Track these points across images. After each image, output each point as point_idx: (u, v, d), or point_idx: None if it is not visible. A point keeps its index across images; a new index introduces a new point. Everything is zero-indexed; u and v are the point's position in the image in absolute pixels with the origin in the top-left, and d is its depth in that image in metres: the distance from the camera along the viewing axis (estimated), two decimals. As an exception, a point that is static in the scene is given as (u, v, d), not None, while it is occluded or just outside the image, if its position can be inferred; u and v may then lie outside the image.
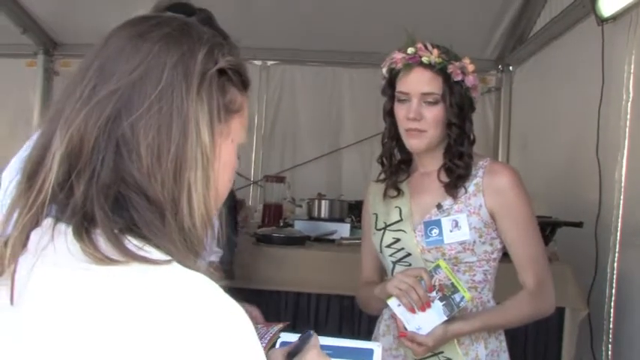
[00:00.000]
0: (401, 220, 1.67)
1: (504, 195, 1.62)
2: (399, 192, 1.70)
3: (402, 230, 1.66)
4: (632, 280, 2.50)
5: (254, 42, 4.15)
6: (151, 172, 0.67)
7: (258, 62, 4.72)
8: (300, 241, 2.96)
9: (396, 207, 1.69)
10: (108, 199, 0.66)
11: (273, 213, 3.52)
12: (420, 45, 1.60)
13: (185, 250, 0.67)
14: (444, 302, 1.55)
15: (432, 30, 1.69)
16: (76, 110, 0.69)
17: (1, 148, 4.68)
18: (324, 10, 3.94)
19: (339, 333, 2.65)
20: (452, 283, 1.55)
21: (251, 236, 3.08)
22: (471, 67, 1.62)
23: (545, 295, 1.64)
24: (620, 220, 2.58)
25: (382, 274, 1.80)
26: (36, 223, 0.68)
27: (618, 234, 2.59)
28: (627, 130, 2.56)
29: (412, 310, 1.54)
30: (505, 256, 1.68)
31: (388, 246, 1.68)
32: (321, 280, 2.73)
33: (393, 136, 1.69)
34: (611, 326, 2.60)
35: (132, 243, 0.65)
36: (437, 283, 1.55)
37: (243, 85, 0.78)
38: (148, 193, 0.67)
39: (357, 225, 3.53)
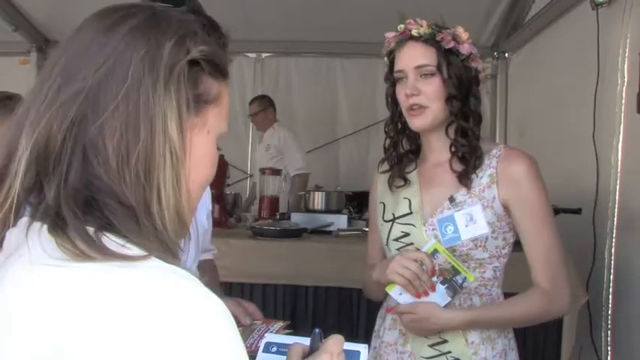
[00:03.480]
0: (410, 213, 1.59)
1: (519, 185, 1.52)
2: (406, 182, 1.62)
3: (412, 224, 1.58)
4: (630, 266, 2.49)
5: (248, 35, 4.13)
6: (120, 175, 0.66)
7: (252, 55, 4.70)
8: (296, 233, 2.94)
9: (404, 198, 1.62)
10: (78, 202, 0.65)
11: (270, 206, 3.51)
12: (409, 20, 1.56)
13: (163, 250, 0.66)
14: (445, 285, 1.50)
15: (426, 17, 1.65)
16: (40, 112, 0.67)
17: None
18: (318, 1, 3.91)
19: (337, 325, 2.64)
20: (452, 266, 1.50)
21: (247, 230, 3.06)
22: (464, 35, 1.54)
23: (557, 295, 1.54)
24: (617, 205, 2.57)
25: None
26: (6, 225, 0.67)
27: (615, 219, 2.58)
28: (622, 114, 2.54)
29: (417, 296, 1.49)
30: (517, 244, 1.59)
31: (396, 239, 1.61)
32: (318, 272, 2.72)
33: (396, 122, 1.63)
34: (610, 312, 2.59)
35: (113, 241, 0.64)
36: (437, 268, 1.50)
37: (221, 73, 0.75)
38: (118, 197, 0.66)
39: (354, 216, 3.52)
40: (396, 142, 1.64)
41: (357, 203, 3.68)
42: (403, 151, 1.65)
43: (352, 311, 2.70)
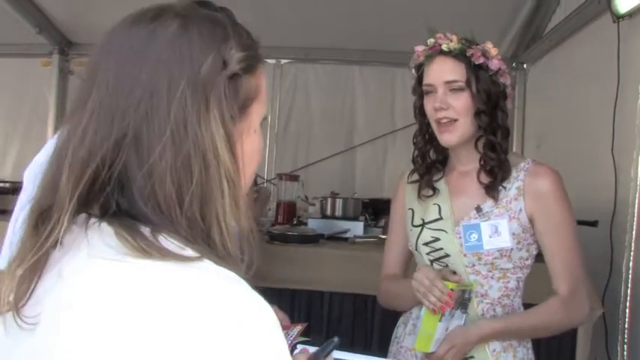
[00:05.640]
0: (441, 218, 1.62)
1: (545, 199, 1.56)
2: (435, 191, 1.65)
3: (443, 230, 1.61)
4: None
5: (267, 40, 4.09)
6: (175, 219, 0.65)
7: (271, 61, 4.72)
8: (313, 239, 2.96)
9: (434, 204, 1.64)
10: (134, 232, 0.65)
11: (287, 211, 3.53)
12: (439, 35, 1.58)
13: (216, 255, 0.66)
14: (459, 307, 1.53)
15: (446, 28, 1.67)
16: (84, 136, 0.66)
17: (17, 147, 4.77)
18: (337, 8, 3.94)
19: (352, 332, 2.65)
20: (459, 290, 1.53)
21: (264, 234, 3.09)
22: (494, 51, 1.57)
23: (577, 304, 1.57)
24: (635, 218, 2.55)
25: (406, 270, 1.76)
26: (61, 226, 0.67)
27: (634, 232, 2.56)
28: (643, 127, 2.53)
29: (433, 311, 1.50)
30: (538, 256, 1.62)
31: (426, 244, 1.63)
32: (334, 278, 2.73)
33: (424, 134, 1.65)
34: (626, 326, 2.58)
35: (169, 241, 0.65)
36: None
37: (257, 64, 0.74)
38: (173, 228, 0.65)
39: (370, 224, 3.53)
40: (424, 153, 1.66)
41: (373, 210, 3.69)
42: (430, 161, 1.67)
43: (367, 318, 2.71)
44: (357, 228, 3.21)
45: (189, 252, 0.64)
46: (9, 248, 1.21)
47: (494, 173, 1.57)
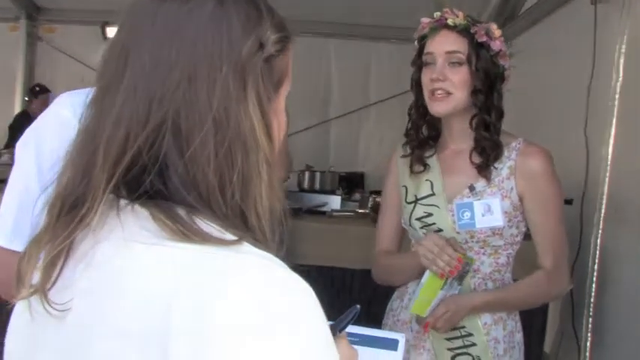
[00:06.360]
0: (433, 194, 1.65)
1: (536, 179, 1.60)
2: (426, 167, 1.67)
3: (435, 205, 1.64)
4: (614, 256, 2.57)
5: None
6: (217, 205, 0.64)
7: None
8: (292, 212, 2.96)
9: (426, 180, 1.67)
10: (172, 215, 0.63)
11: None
12: (446, 9, 1.60)
13: (261, 240, 0.66)
14: (457, 279, 1.57)
15: (421, 7, 1.67)
16: (120, 120, 0.64)
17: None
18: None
19: (332, 304, 2.68)
20: (464, 261, 1.56)
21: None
22: (497, 32, 1.59)
23: (560, 278, 1.66)
24: (605, 196, 2.64)
25: (400, 247, 1.79)
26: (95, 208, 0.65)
27: (603, 210, 2.64)
28: (616, 109, 2.60)
29: (441, 275, 1.54)
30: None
31: (419, 219, 1.66)
32: (312, 252, 2.75)
33: (419, 107, 1.66)
34: (592, 300, 2.68)
35: (207, 224, 0.63)
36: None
37: (288, 43, 0.72)
38: (211, 212, 0.64)
39: (345, 197, 3.55)
40: (418, 127, 1.68)
41: (347, 184, 3.71)
42: (423, 136, 1.69)
43: (345, 290, 2.75)
44: (334, 202, 3.23)
45: (229, 236, 0.62)
46: (10, 223, 1.17)
47: (487, 154, 1.60)
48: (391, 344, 1.04)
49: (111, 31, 4.38)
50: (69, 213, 0.66)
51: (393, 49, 4.30)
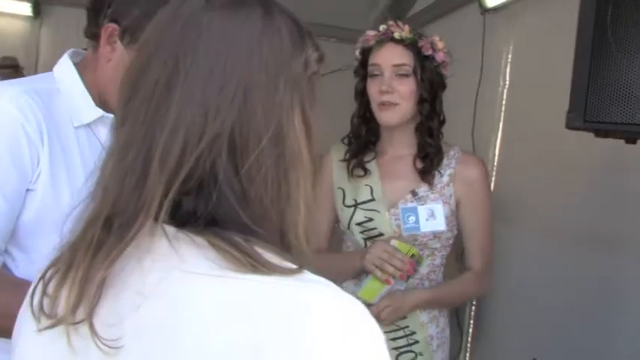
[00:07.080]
0: (373, 199, 1.69)
1: (474, 186, 1.70)
2: (366, 172, 1.70)
3: (376, 210, 1.68)
4: (497, 252, 2.73)
5: None
6: (268, 222, 0.60)
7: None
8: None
9: (366, 185, 1.70)
10: (232, 243, 0.58)
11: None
12: (391, 22, 1.63)
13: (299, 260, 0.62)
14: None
15: (309, 7, 1.66)
16: (176, 130, 0.59)
17: None
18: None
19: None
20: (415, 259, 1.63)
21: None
22: (440, 44, 1.67)
23: (487, 279, 1.79)
24: (490, 197, 2.79)
25: (329, 246, 1.83)
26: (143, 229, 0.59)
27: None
28: (502, 113, 2.76)
29: (387, 281, 1.60)
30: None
31: (359, 224, 1.70)
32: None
33: (362, 115, 1.70)
34: (474, 302, 2.83)
35: (271, 254, 0.59)
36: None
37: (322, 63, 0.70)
38: (263, 237, 0.60)
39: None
40: (360, 134, 1.71)
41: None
42: (364, 142, 1.72)
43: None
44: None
45: (288, 264, 0.58)
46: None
47: (430, 159, 1.66)
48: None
49: None
50: (114, 231, 0.58)
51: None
